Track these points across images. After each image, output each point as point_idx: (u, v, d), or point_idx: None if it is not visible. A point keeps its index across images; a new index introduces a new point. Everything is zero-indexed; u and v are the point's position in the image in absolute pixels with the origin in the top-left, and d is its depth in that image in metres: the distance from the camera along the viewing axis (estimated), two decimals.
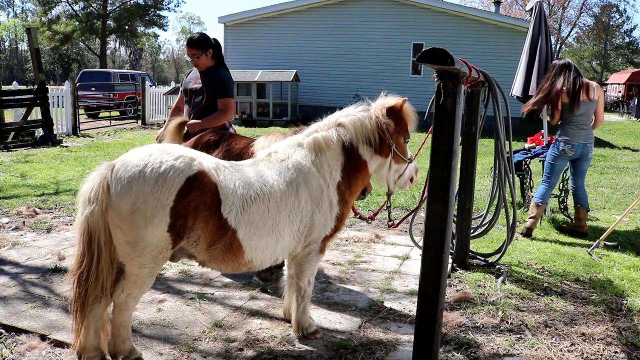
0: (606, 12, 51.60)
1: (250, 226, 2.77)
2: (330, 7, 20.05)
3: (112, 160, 2.68)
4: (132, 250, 2.60)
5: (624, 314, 3.86)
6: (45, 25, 42.67)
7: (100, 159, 10.31)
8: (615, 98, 38.89)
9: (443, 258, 2.70)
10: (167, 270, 4.46)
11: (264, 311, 3.73)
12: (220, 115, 4.53)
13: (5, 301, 3.71)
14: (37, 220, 5.92)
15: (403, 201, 7.44)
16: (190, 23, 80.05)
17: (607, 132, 20.56)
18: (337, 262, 4.81)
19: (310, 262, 3.18)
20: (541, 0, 6.87)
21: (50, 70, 55.10)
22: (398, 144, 3.21)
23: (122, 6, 45.52)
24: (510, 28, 18.79)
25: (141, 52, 66.43)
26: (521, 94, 6.72)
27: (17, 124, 12.62)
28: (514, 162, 4.58)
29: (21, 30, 55.74)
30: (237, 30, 21.12)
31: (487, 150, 12.29)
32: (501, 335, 3.46)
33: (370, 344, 3.26)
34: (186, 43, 4.64)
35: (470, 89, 4.53)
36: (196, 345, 3.20)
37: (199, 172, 2.62)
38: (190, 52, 4.59)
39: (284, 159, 3.03)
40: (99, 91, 21.05)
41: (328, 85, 20.20)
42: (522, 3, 44.93)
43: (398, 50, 19.52)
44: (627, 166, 11.58)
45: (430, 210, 2.70)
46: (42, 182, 7.95)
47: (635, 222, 6.62)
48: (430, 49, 2.45)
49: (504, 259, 4.92)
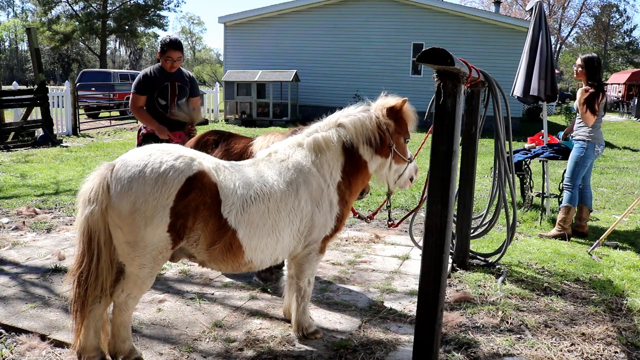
0: (606, 12, 51.62)
1: (250, 226, 2.76)
2: (330, 7, 20.05)
3: (112, 160, 2.68)
4: (132, 250, 2.60)
5: (624, 314, 3.86)
6: (45, 25, 42.65)
7: (100, 159, 10.31)
8: (615, 98, 38.89)
9: (443, 258, 2.70)
10: (167, 270, 4.46)
11: (264, 311, 3.73)
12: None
13: (5, 301, 3.71)
14: (37, 220, 5.92)
15: (403, 201, 7.44)
16: (190, 23, 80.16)
17: (607, 132, 20.54)
18: (337, 262, 4.81)
19: (311, 262, 3.18)
20: (541, 0, 6.86)
21: (50, 70, 55.11)
22: (398, 144, 3.21)
23: (122, 6, 45.48)
24: (510, 28, 18.79)
25: (141, 52, 66.46)
26: (521, 94, 6.72)
27: (17, 124, 12.63)
28: (514, 162, 4.57)
29: (21, 30, 55.71)
30: (237, 30, 21.12)
31: (487, 150, 12.29)
32: (501, 335, 3.46)
33: (370, 344, 3.26)
34: (171, 46, 4.59)
35: (470, 89, 4.53)
36: (196, 345, 3.20)
37: (199, 172, 2.62)
38: (176, 55, 4.63)
39: (284, 159, 3.03)
40: (99, 91, 21.06)
41: (328, 85, 20.20)
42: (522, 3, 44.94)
43: (398, 50, 19.52)
44: (627, 166, 11.58)
45: (430, 210, 2.70)
46: (42, 182, 7.95)
47: (635, 222, 6.62)
48: (430, 49, 2.45)
49: (504, 259, 4.92)
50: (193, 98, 4.85)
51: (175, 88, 4.71)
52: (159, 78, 4.67)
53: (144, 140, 4.65)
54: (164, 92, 4.69)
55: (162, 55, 4.65)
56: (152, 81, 4.66)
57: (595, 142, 5.67)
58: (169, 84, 4.69)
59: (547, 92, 6.59)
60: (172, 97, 4.71)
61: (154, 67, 4.77)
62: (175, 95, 4.72)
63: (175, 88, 4.71)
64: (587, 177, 5.97)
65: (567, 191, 5.79)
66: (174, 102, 4.70)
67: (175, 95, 4.72)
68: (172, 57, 4.61)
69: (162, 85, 4.67)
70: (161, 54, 4.66)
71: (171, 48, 4.60)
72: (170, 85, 4.70)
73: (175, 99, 4.71)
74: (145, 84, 4.65)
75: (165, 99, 4.70)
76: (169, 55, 4.61)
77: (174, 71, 4.73)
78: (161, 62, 4.69)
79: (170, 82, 4.70)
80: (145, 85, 4.65)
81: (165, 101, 4.70)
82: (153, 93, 4.66)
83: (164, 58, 4.64)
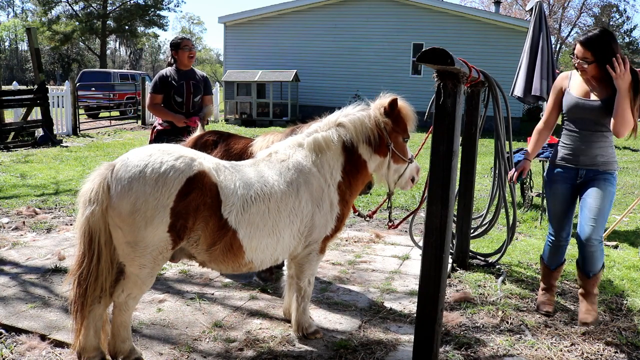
0: (606, 12, 51.60)
1: (250, 227, 2.77)
2: (330, 7, 20.05)
3: (112, 161, 2.68)
4: (133, 250, 2.60)
5: (624, 314, 3.86)
6: (45, 25, 42.65)
7: (100, 159, 10.31)
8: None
9: (443, 258, 2.70)
10: (167, 271, 4.46)
11: (264, 311, 3.73)
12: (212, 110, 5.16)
13: (5, 301, 3.71)
14: (37, 220, 5.92)
15: (403, 201, 7.44)
16: (190, 23, 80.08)
17: None
18: (337, 262, 4.81)
19: (311, 262, 3.18)
20: (541, 0, 6.86)
21: (50, 70, 55.06)
22: (396, 143, 3.19)
23: (122, 6, 45.49)
24: (510, 28, 18.79)
25: (141, 52, 66.43)
26: (522, 94, 6.72)
27: (17, 124, 12.62)
28: (514, 162, 4.56)
29: (21, 30, 55.71)
30: (237, 30, 21.12)
31: (487, 150, 12.29)
32: (501, 335, 3.46)
33: (370, 344, 3.26)
34: (184, 38, 5.02)
35: (470, 89, 4.53)
36: (196, 345, 3.20)
37: (200, 172, 2.62)
38: (190, 44, 5.02)
39: (284, 159, 3.03)
40: (99, 91, 21.06)
41: (328, 85, 20.20)
42: (522, 3, 44.94)
43: (398, 50, 19.52)
44: (627, 166, 11.58)
45: (430, 210, 2.70)
46: (42, 182, 7.95)
47: (635, 222, 6.62)
48: (430, 49, 2.45)
49: (504, 259, 4.92)
50: (206, 96, 5.13)
51: (190, 86, 4.98)
52: (175, 78, 4.96)
53: (157, 137, 4.89)
54: (180, 90, 4.94)
55: (178, 49, 4.94)
56: (169, 81, 4.94)
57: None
58: (184, 82, 4.95)
59: (549, 92, 6.58)
60: (187, 95, 4.97)
61: (169, 69, 5.05)
62: (191, 93, 4.99)
63: (190, 86, 4.98)
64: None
65: (600, 248, 3.48)
66: (190, 99, 4.98)
67: (190, 92, 4.98)
68: (188, 44, 4.95)
69: (179, 84, 4.93)
70: (176, 49, 4.95)
71: (184, 39, 4.99)
72: (186, 84, 4.96)
73: (191, 96, 4.98)
74: (161, 84, 4.95)
75: (181, 96, 4.96)
76: (185, 44, 4.94)
77: (188, 70, 5.02)
78: (178, 58, 4.98)
79: (185, 81, 4.96)
80: (161, 85, 4.95)
81: (182, 98, 4.96)
82: (169, 92, 4.92)
83: (181, 50, 4.94)
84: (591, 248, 3.41)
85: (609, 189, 3.44)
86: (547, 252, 3.85)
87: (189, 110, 4.96)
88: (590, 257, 3.46)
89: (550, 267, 3.86)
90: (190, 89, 4.96)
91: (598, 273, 3.53)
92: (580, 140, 3.52)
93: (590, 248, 3.42)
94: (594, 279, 3.54)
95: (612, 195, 3.47)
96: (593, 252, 3.43)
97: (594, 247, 3.41)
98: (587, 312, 3.56)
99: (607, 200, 3.42)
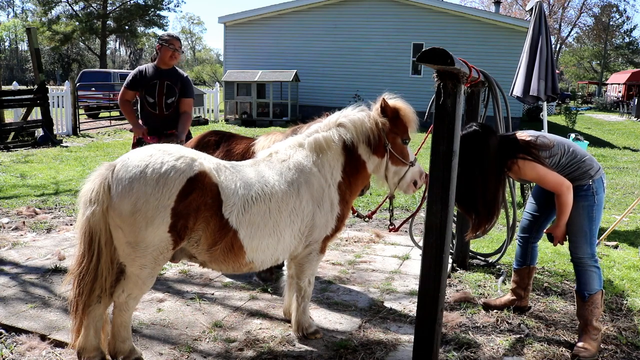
0: (606, 12, 51.60)
1: (251, 227, 2.77)
2: (330, 7, 20.05)
3: (113, 161, 2.68)
4: (133, 250, 2.60)
5: (624, 314, 3.86)
6: (45, 25, 42.63)
7: (100, 159, 10.31)
8: (615, 98, 38.90)
9: (443, 258, 2.70)
10: (167, 271, 4.46)
11: (264, 311, 3.73)
12: (189, 119, 4.78)
13: (5, 301, 3.71)
14: (37, 220, 5.92)
15: (403, 201, 7.43)
16: (190, 23, 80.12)
17: (607, 132, 20.56)
18: (337, 262, 4.81)
19: (311, 262, 3.18)
20: (541, 0, 6.86)
21: (50, 70, 55.05)
22: (395, 144, 3.16)
23: (122, 6, 45.47)
24: (510, 28, 18.78)
25: (141, 52, 66.37)
26: (521, 94, 6.72)
27: (17, 124, 12.63)
28: None
29: (21, 30, 55.67)
30: (237, 30, 21.12)
31: None
32: (501, 335, 3.46)
33: (370, 344, 3.26)
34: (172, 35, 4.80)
35: (470, 89, 4.53)
36: (196, 346, 3.20)
37: (200, 172, 2.63)
38: (178, 44, 4.77)
39: (285, 160, 3.03)
40: (99, 91, 21.05)
41: (328, 85, 20.20)
42: (522, 3, 44.95)
43: (398, 50, 19.52)
44: (627, 166, 11.58)
45: (430, 210, 2.70)
46: (42, 182, 7.95)
47: (635, 222, 6.62)
48: (430, 49, 2.45)
49: (504, 259, 4.92)
50: (185, 99, 4.77)
51: (164, 87, 4.69)
52: (150, 75, 4.70)
53: (138, 143, 4.70)
54: (152, 90, 4.69)
55: (163, 45, 4.68)
56: (143, 78, 4.69)
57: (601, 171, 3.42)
58: (158, 82, 4.68)
59: (548, 93, 6.58)
60: (159, 95, 4.69)
61: (149, 65, 4.81)
62: (163, 94, 4.70)
63: (164, 87, 4.69)
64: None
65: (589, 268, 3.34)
66: (162, 100, 4.69)
67: (163, 94, 4.70)
68: (175, 44, 4.70)
69: (151, 83, 4.67)
70: (161, 45, 4.69)
71: (173, 37, 4.76)
72: (159, 84, 4.68)
73: (163, 97, 4.70)
74: (135, 80, 4.72)
75: (152, 96, 4.69)
76: (171, 42, 4.69)
77: (169, 69, 4.75)
78: (160, 54, 4.72)
79: (160, 80, 4.68)
80: (135, 81, 4.72)
81: (153, 99, 4.70)
82: (142, 90, 4.69)
83: (165, 47, 4.68)
84: (577, 267, 3.33)
85: (581, 203, 3.27)
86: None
87: (162, 112, 4.70)
88: (579, 275, 3.33)
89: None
90: (162, 90, 4.67)
91: (594, 295, 3.26)
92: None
93: (576, 267, 3.34)
94: (589, 302, 3.26)
95: (589, 208, 3.27)
96: (579, 270, 3.32)
97: (580, 265, 3.31)
98: (582, 347, 3.23)
99: (583, 216, 3.27)
